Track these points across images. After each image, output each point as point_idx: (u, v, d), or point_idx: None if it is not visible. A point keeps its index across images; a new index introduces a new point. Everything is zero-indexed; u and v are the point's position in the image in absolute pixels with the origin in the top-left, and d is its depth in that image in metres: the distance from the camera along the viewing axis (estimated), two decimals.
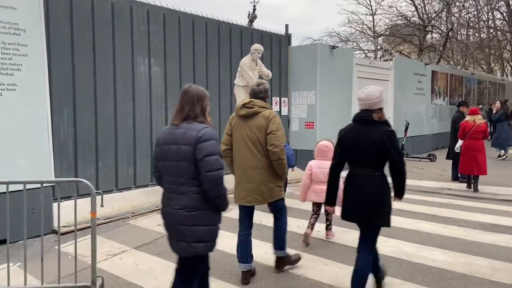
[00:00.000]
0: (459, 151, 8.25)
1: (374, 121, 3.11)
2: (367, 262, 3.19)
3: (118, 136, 6.92)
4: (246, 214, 3.88)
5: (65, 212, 4.92)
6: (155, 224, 5.64)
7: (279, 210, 3.91)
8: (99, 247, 3.72)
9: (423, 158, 12.60)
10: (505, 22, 21.16)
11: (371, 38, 12.14)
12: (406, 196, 3.13)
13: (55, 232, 5.36)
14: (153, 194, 7.21)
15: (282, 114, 9.86)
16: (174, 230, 2.62)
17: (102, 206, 3.33)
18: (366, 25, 24.93)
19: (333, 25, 43.67)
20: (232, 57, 8.89)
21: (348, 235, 5.11)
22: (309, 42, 11.20)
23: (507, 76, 26.18)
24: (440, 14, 19.72)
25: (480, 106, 15.86)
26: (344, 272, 3.92)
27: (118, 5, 6.86)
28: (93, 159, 6.61)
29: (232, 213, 6.01)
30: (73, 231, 5.34)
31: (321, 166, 4.77)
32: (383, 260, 4.20)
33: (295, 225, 5.43)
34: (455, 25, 19.35)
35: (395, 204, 3.24)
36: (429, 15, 19.46)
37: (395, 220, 5.81)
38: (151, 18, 7.36)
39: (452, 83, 17.00)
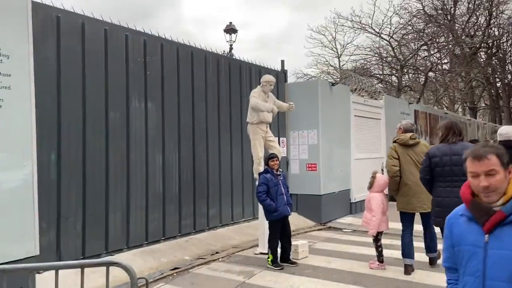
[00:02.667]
0: None
1: None
2: None
3: (110, 186, 5.73)
4: (410, 220, 4.93)
5: None
6: None
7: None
8: None
9: None
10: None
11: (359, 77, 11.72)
12: None
13: None
14: (151, 257, 5.89)
15: None
16: None
17: None
18: (333, 66, 25.21)
19: (301, 67, 44.74)
20: (231, 92, 8.07)
21: None
22: (305, 79, 10.61)
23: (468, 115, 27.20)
24: (415, 54, 20.13)
25: None
26: None
27: (112, 34, 5.89)
28: (79, 215, 5.36)
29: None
30: None
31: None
32: None
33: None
34: (434, 64, 19.77)
35: None
36: (405, 56, 19.82)
37: None
38: (148, 49, 6.41)
39: (431, 122, 17.03)
